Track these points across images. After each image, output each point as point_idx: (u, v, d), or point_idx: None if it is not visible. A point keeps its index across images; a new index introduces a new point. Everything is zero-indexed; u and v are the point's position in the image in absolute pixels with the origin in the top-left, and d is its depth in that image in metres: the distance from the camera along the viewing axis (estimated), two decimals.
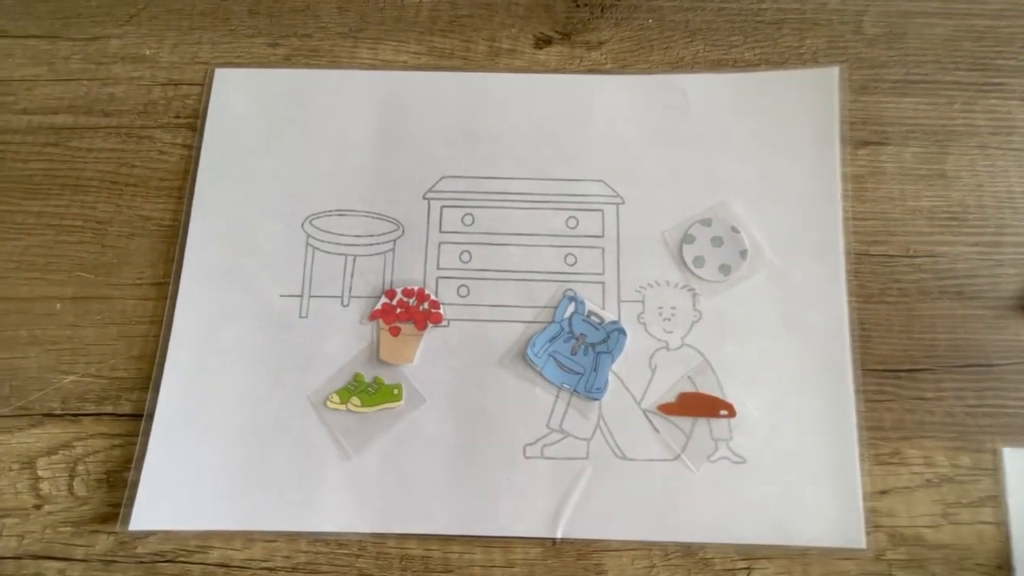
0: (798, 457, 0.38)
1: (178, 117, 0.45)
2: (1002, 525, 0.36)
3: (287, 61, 0.46)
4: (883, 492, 0.37)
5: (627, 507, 0.37)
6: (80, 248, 0.43)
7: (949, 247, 0.41)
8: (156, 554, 0.37)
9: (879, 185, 0.43)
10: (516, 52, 0.46)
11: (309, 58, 0.46)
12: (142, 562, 0.37)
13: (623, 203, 0.43)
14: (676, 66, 0.45)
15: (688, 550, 0.37)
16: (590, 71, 0.46)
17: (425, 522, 0.37)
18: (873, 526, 0.36)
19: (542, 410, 0.39)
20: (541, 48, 0.46)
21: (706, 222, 0.42)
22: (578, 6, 0.47)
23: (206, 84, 0.45)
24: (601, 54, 0.46)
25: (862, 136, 0.44)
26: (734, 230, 0.42)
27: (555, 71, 0.46)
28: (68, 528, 0.38)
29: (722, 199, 0.42)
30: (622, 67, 0.46)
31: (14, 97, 0.46)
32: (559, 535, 0.37)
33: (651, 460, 0.38)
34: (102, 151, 0.45)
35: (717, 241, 0.41)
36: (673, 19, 0.47)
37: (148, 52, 0.47)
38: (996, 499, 0.37)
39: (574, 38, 0.46)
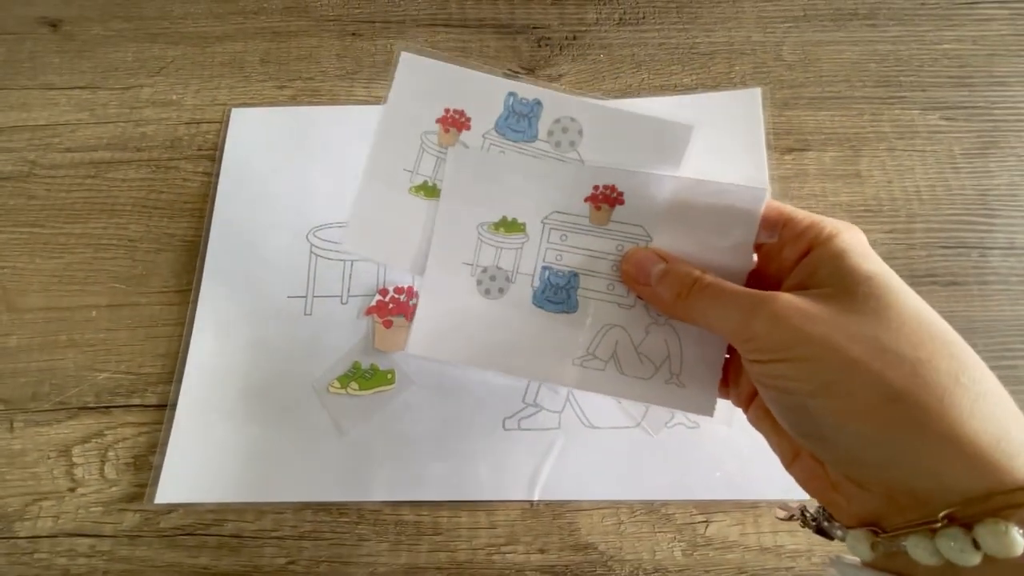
0: (745, 421, 0.36)
1: (200, 150, 0.44)
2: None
3: (293, 100, 0.45)
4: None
5: (596, 470, 0.35)
6: (114, 263, 0.41)
7: (867, 235, 0.39)
8: (176, 528, 0.35)
9: (803, 185, 0.42)
10: None
11: (312, 97, 0.45)
12: (164, 535, 0.35)
13: None
14: (625, 92, 0.45)
15: (651, 507, 0.35)
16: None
17: (416, 490, 0.35)
18: None
19: (518, 388, 0.37)
20: None
21: None
22: (540, 46, 0.47)
23: (224, 121, 0.45)
24: (561, 84, 0.45)
25: (787, 144, 0.43)
26: None
27: None
28: (99, 508, 0.36)
29: None
30: (579, 95, 0.45)
31: (59, 138, 0.45)
32: (536, 498, 0.35)
33: (615, 428, 0.36)
34: (134, 180, 0.44)
35: None
36: (621, 53, 0.46)
37: (175, 97, 0.46)
38: None
39: (538, 72, 0.46)
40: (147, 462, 0.36)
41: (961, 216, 0.40)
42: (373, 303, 0.39)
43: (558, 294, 0.28)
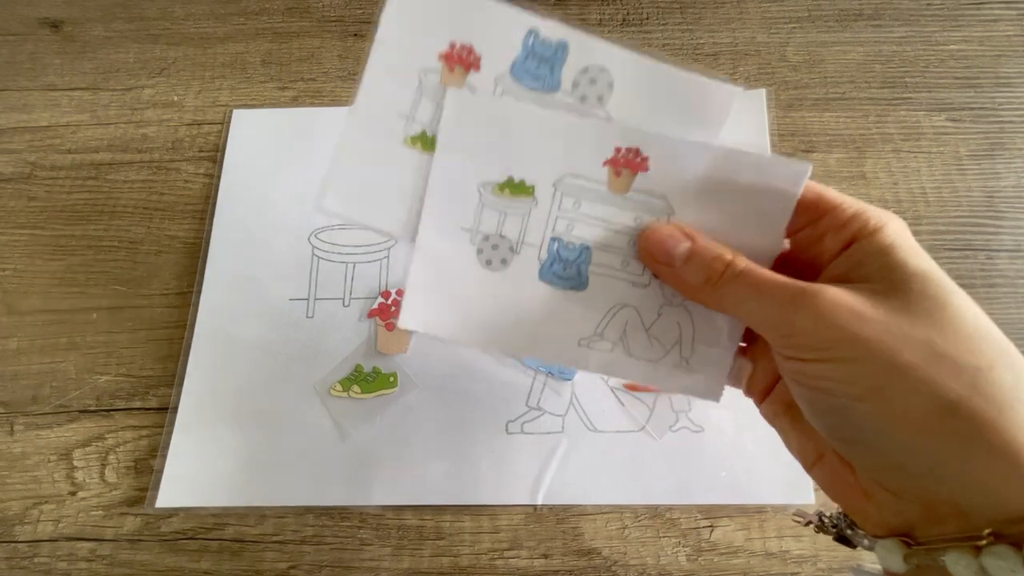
0: (750, 425, 0.36)
1: (201, 151, 0.44)
2: None
3: (294, 101, 0.45)
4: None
5: (600, 474, 0.35)
6: (115, 265, 0.41)
7: None
8: (178, 532, 0.35)
9: None
10: None
11: (314, 98, 0.45)
12: (165, 540, 0.35)
13: None
14: None
15: (656, 511, 0.34)
16: None
17: (419, 495, 0.35)
18: None
19: (521, 391, 0.37)
20: None
21: None
22: None
23: (225, 123, 0.44)
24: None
25: (792, 145, 0.42)
26: None
27: None
28: (99, 512, 0.35)
29: None
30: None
31: (60, 140, 0.45)
32: (540, 502, 0.34)
33: (619, 432, 0.36)
34: (135, 182, 0.43)
35: None
36: None
37: (176, 98, 0.46)
38: None
39: None
40: (148, 466, 0.36)
41: (967, 218, 0.40)
42: (375, 305, 0.39)
43: (567, 269, 0.25)
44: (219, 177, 0.43)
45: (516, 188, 0.25)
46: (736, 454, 0.35)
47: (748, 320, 0.23)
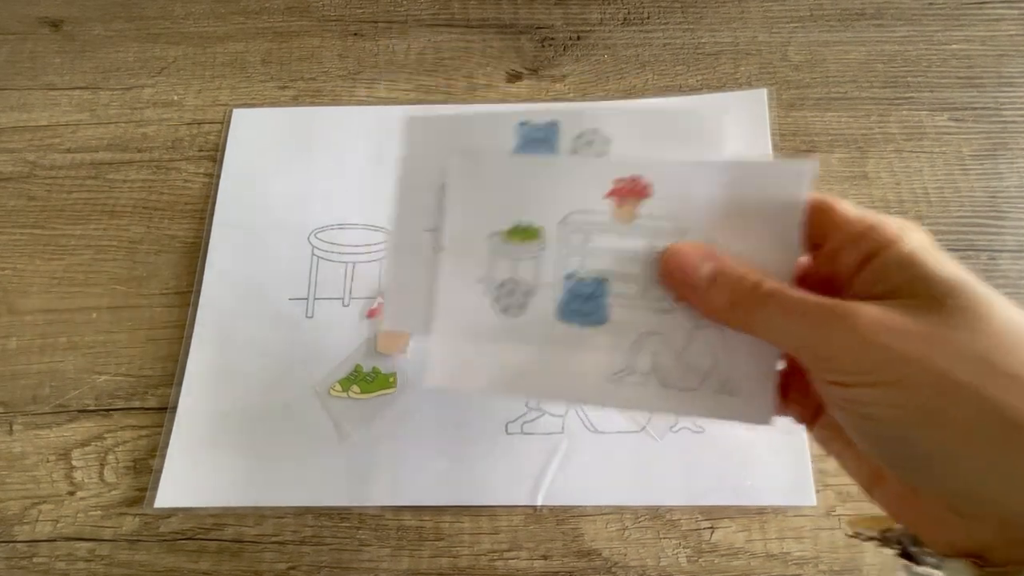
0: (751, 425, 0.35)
1: (201, 151, 0.44)
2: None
3: (295, 100, 0.45)
4: (829, 454, 0.35)
5: (600, 475, 0.35)
6: (114, 264, 0.41)
7: None
8: (176, 532, 0.35)
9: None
10: (491, 86, 0.45)
11: (314, 97, 0.45)
12: (164, 540, 0.34)
13: None
14: (629, 93, 0.44)
15: (656, 513, 0.34)
16: (555, 100, 0.44)
17: (419, 495, 0.35)
18: (822, 485, 0.34)
19: None
20: (513, 82, 0.45)
21: None
22: (543, 46, 0.46)
23: (225, 122, 0.44)
24: (564, 85, 0.45)
25: (793, 145, 0.42)
26: None
27: (525, 100, 0.44)
28: (98, 512, 0.35)
29: None
30: (583, 95, 0.44)
31: (60, 139, 0.45)
32: (540, 503, 0.34)
33: (620, 432, 0.36)
34: (135, 181, 0.43)
35: None
36: (625, 54, 0.46)
37: (176, 98, 0.46)
38: None
39: (541, 72, 0.45)
40: (147, 465, 0.36)
41: (970, 218, 0.40)
42: (375, 305, 0.39)
43: (585, 304, 0.25)
44: (219, 176, 0.42)
45: (524, 233, 0.25)
46: (737, 455, 0.35)
47: (781, 343, 0.21)
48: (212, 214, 0.41)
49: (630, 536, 0.34)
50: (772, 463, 0.35)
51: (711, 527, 0.34)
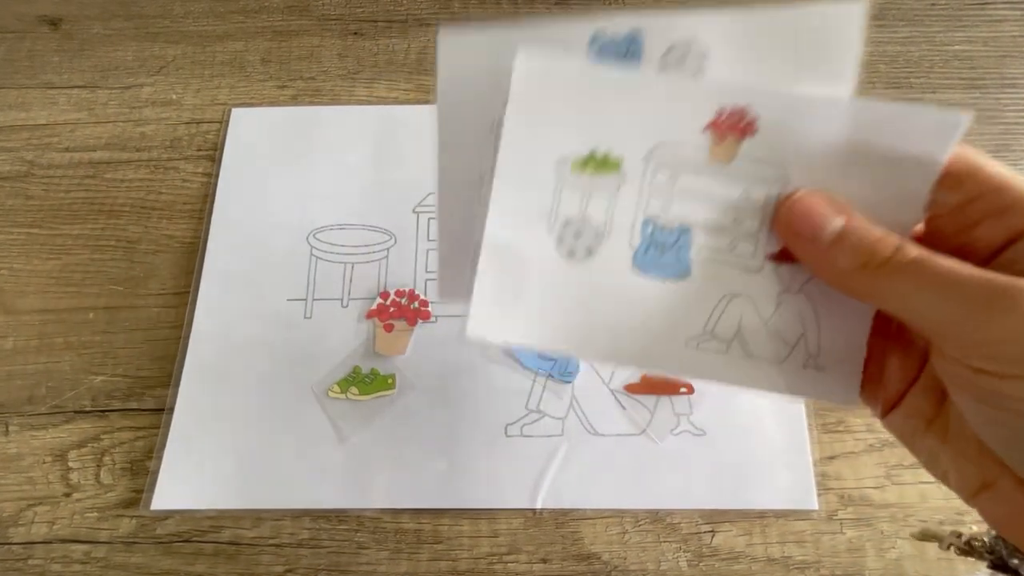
0: (753, 428, 0.35)
1: (200, 150, 0.44)
2: (941, 486, 0.34)
3: (294, 100, 0.45)
4: (831, 457, 0.34)
5: (600, 478, 0.34)
6: (112, 264, 0.41)
7: None
8: (173, 535, 0.34)
9: None
10: None
11: (313, 97, 0.45)
12: (160, 542, 0.34)
13: None
14: None
15: (656, 516, 0.34)
16: None
17: (417, 498, 0.34)
18: (824, 489, 0.34)
19: (521, 393, 0.36)
20: None
21: None
22: None
23: (224, 122, 0.44)
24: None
25: None
26: None
27: None
28: (94, 514, 0.35)
29: None
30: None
31: (58, 138, 0.44)
32: (539, 506, 0.34)
33: (620, 435, 0.35)
34: (133, 181, 0.43)
35: None
36: None
37: (175, 97, 0.45)
38: None
39: None
40: (144, 467, 0.36)
41: None
42: (374, 306, 0.39)
43: (665, 255, 0.21)
44: (217, 176, 0.42)
45: (601, 163, 0.21)
46: (738, 458, 0.35)
47: (914, 318, 0.18)
48: (210, 214, 0.41)
49: (630, 540, 0.33)
50: (773, 467, 0.34)
51: (712, 531, 0.34)
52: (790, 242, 0.20)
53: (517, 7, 0.47)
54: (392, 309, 0.38)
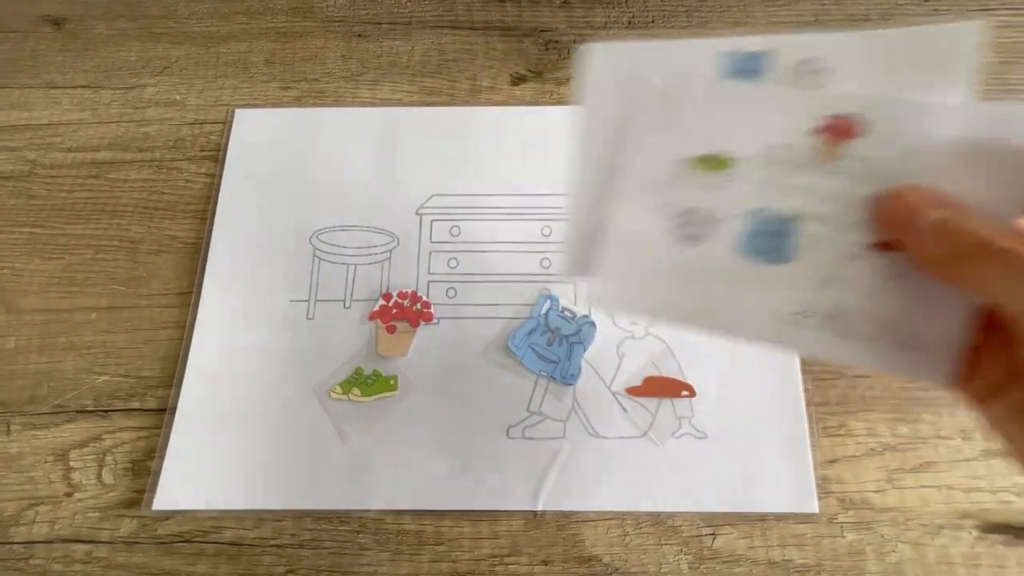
0: (754, 431, 0.35)
1: (203, 151, 0.44)
2: (942, 489, 0.34)
3: (298, 101, 0.45)
4: (832, 461, 0.35)
5: (601, 481, 0.35)
6: (115, 264, 0.41)
7: None
8: (174, 535, 0.34)
9: None
10: (495, 89, 0.45)
11: (317, 98, 0.45)
12: (162, 542, 0.34)
13: None
14: None
15: (658, 519, 0.34)
16: (559, 103, 0.44)
17: (419, 499, 0.34)
18: (824, 492, 0.34)
19: (522, 395, 0.37)
20: (517, 85, 0.45)
21: None
22: (547, 49, 0.46)
23: (227, 122, 0.44)
24: (568, 88, 0.45)
25: None
26: None
27: (529, 104, 0.44)
28: (96, 514, 0.35)
29: None
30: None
31: (61, 138, 0.45)
32: (540, 508, 0.34)
33: (621, 437, 0.36)
34: (136, 181, 0.43)
35: None
36: None
37: (178, 97, 0.45)
38: (935, 465, 0.34)
39: (545, 76, 0.45)
40: (145, 467, 0.36)
41: None
42: (376, 308, 0.39)
43: (771, 241, 0.24)
44: (220, 177, 0.42)
45: (714, 162, 0.24)
46: (739, 461, 0.35)
47: (1003, 305, 0.19)
48: (213, 214, 0.41)
49: (631, 542, 0.33)
50: (774, 470, 0.34)
51: (713, 534, 0.34)
52: (890, 231, 0.21)
53: (521, 9, 0.48)
54: (394, 311, 0.38)
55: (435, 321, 0.38)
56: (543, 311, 0.38)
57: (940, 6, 0.46)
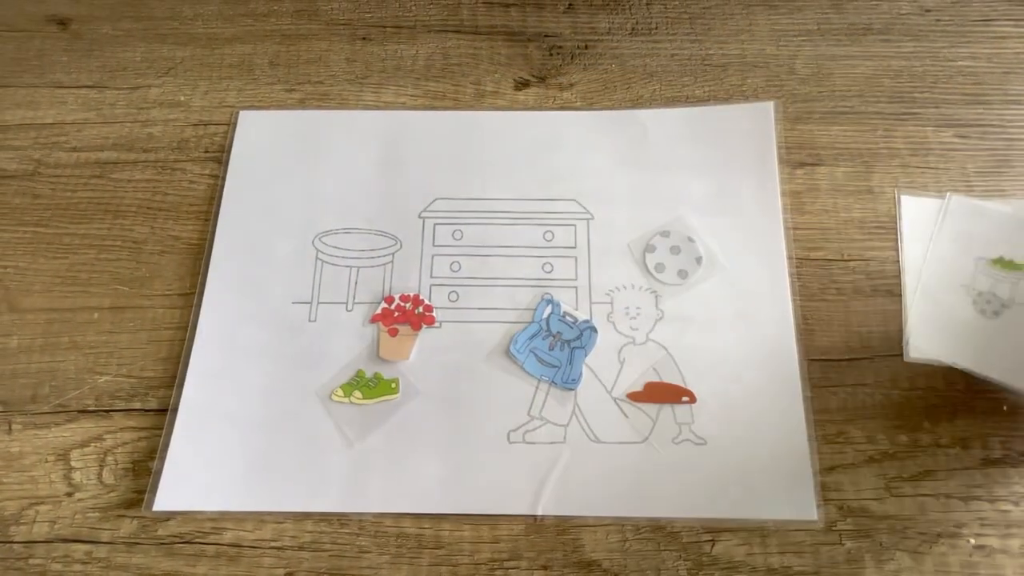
0: (754, 438, 0.35)
1: (207, 152, 0.44)
2: (940, 498, 0.34)
3: (302, 104, 0.45)
4: (831, 468, 0.35)
5: (601, 486, 0.35)
6: (118, 264, 0.41)
7: (878, 252, 0.40)
8: (175, 536, 0.34)
9: (815, 200, 0.41)
10: (499, 93, 0.45)
11: (321, 101, 0.45)
12: (162, 543, 0.34)
13: (593, 219, 0.41)
14: (636, 103, 0.44)
15: (657, 525, 0.34)
16: (562, 108, 0.45)
17: (419, 502, 0.35)
18: (823, 500, 0.34)
19: (524, 400, 0.37)
20: (520, 89, 0.45)
21: (665, 233, 0.40)
22: (551, 54, 0.46)
23: (231, 124, 0.44)
24: (571, 94, 0.45)
25: (799, 158, 0.42)
26: (690, 240, 0.40)
27: (532, 109, 0.45)
28: (96, 514, 0.35)
29: (679, 214, 0.41)
30: (590, 104, 0.45)
31: (66, 137, 0.45)
32: (540, 512, 0.34)
33: (622, 443, 0.36)
34: (140, 181, 0.43)
35: (675, 250, 0.40)
36: (633, 64, 0.46)
37: (183, 98, 0.46)
38: (933, 473, 0.34)
39: (548, 81, 0.45)
40: (146, 468, 0.36)
41: None
42: (379, 311, 0.39)
43: None
44: (224, 178, 0.43)
45: (1007, 264, 0.36)
46: (739, 468, 0.35)
47: None
48: (217, 216, 0.41)
49: (630, 548, 0.34)
50: (774, 477, 0.35)
51: (712, 540, 0.34)
52: None
53: (525, 14, 0.48)
54: (397, 314, 0.39)
55: (437, 325, 0.39)
56: (545, 316, 0.38)
57: (942, 16, 0.46)
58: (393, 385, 0.37)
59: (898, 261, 0.39)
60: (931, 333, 0.36)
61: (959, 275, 0.36)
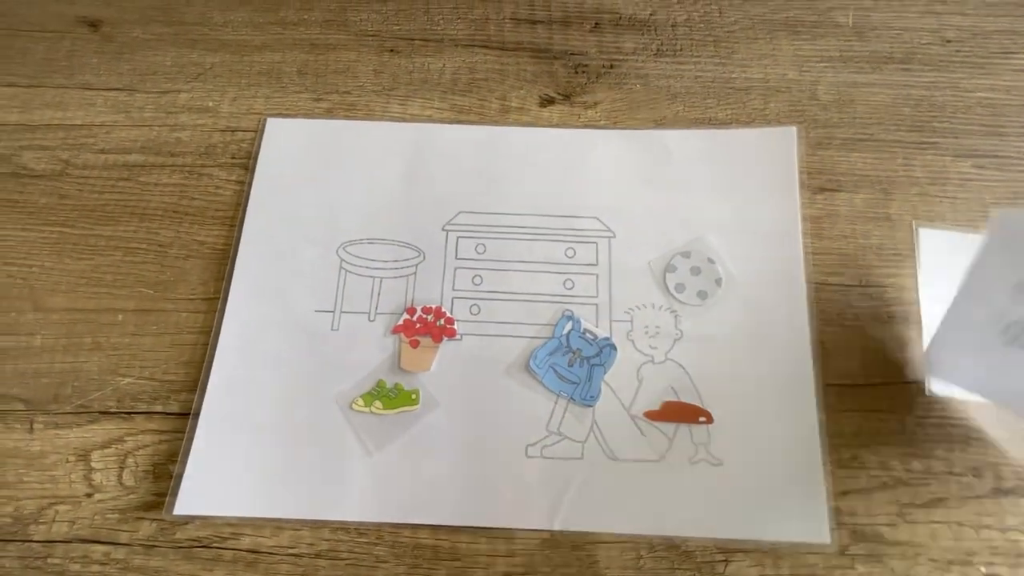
0: (769, 460, 0.36)
1: (234, 158, 0.45)
2: (952, 525, 0.34)
3: (329, 113, 0.46)
4: (845, 493, 0.35)
5: (617, 503, 0.35)
6: (143, 267, 0.41)
7: (896, 279, 0.40)
8: (193, 540, 0.35)
9: (834, 225, 0.42)
10: (524, 109, 0.46)
11: (348, 111, 0.46)
12: (180, 547, 0.35)
13: (614, 237, 0.42)
14: (660, 123, 0.45)
15: (671, 543, 0.34)
16: (587, 126, 0.45)
17: (436, 514, 0.35)
18: (837, 523, 0.34)
19: (542, 415, 0.37)
20: (545, 107, 0.46)
21: (686, 254, 0.41)
22: (577, 72, 0.47)
23: (259, 131, 0.45)
24: (596, 112, 0.46)
25: (819, 184, 0.43)
26: (710, 261, 0.41)
27: (557, 126, 0.45)
28: (115, 515, 0.35)
29: (699, 235, 0.41)
30: (614, 123, 0.45)
31: (94, 139, 0.45)
32: (556, 527, 0.35)
33: (639, 461, 0.36)
34: (167, 185, 0.44)
35: (695, 271, 0.40)
36: (657, 84, 0.46)
37: (211, 104, 0.46)
38: (946, 501, 0.35)
39: (573, 99, 0.46)
40: (166, 471, 0.36)
41: None
42: (400, 322, 0.39)
43: None
44: (250, 185, 0.43)
45: None
46: (754, 490, 0.35)
47: None
48: (242, 222, 0.42)
49: (645, 565, 0.34)
50: (788, 499, 0.35)
51: (725, 560, 0.34)
52: None
53: (552, 32, 0.49)
54: (418, 325, 0.39)
55: (458, 337, 0.39)
56: (565, 332, 0.39)
57: (962, 48, 0.47)
58: (413, 396, 0.37)
59: (916, 289, 0.40)
60: (953, 364, 0.35)
61: (990, 300, 0.32)
